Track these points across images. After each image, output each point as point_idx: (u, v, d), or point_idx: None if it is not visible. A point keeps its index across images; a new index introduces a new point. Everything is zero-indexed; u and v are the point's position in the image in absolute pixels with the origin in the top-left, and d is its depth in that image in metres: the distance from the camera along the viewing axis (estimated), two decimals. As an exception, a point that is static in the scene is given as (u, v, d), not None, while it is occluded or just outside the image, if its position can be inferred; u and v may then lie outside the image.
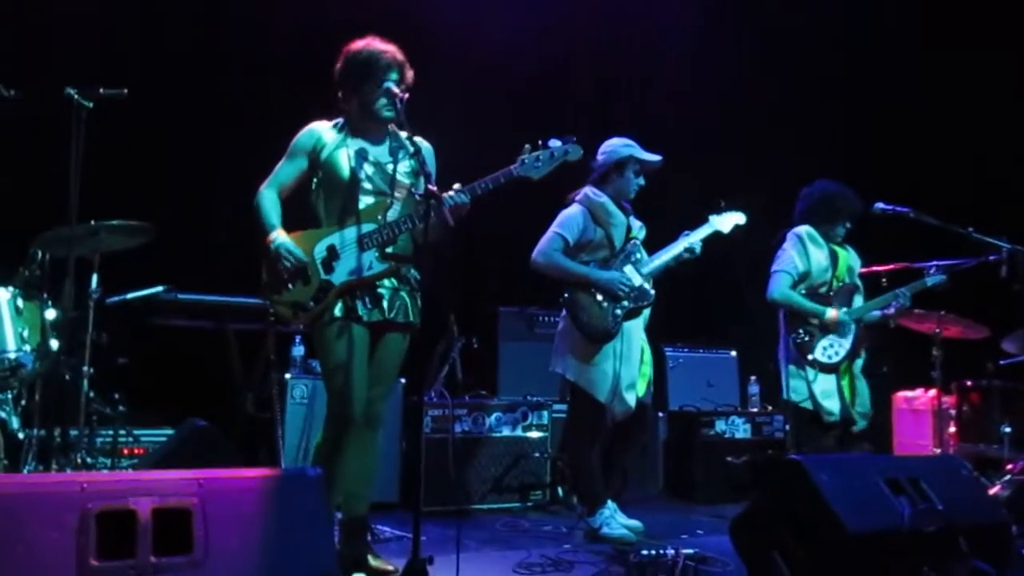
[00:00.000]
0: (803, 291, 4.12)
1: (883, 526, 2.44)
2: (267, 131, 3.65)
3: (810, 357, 4.02)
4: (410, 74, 3.00)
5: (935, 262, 4.21)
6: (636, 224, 3.95)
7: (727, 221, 3.99)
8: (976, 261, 4.18)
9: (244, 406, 4.62)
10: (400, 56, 2.97)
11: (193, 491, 1.70)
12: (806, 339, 4.03)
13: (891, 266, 4.36)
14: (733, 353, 5.85)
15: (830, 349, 4.03)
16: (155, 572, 1.58)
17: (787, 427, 5.30)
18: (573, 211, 3.85)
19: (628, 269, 3.80)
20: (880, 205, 4.11)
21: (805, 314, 4.07)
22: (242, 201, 3.38)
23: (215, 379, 4.65)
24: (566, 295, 3.79)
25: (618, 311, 3.73)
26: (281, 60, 5.11)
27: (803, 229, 4.16)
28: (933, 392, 5.05)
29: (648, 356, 3.91)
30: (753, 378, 5.54)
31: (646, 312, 3.88)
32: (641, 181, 3.90)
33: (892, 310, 4.06)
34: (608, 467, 3.87)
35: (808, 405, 4.00)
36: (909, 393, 5.68)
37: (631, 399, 3.74)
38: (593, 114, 6.11)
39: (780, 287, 4.10)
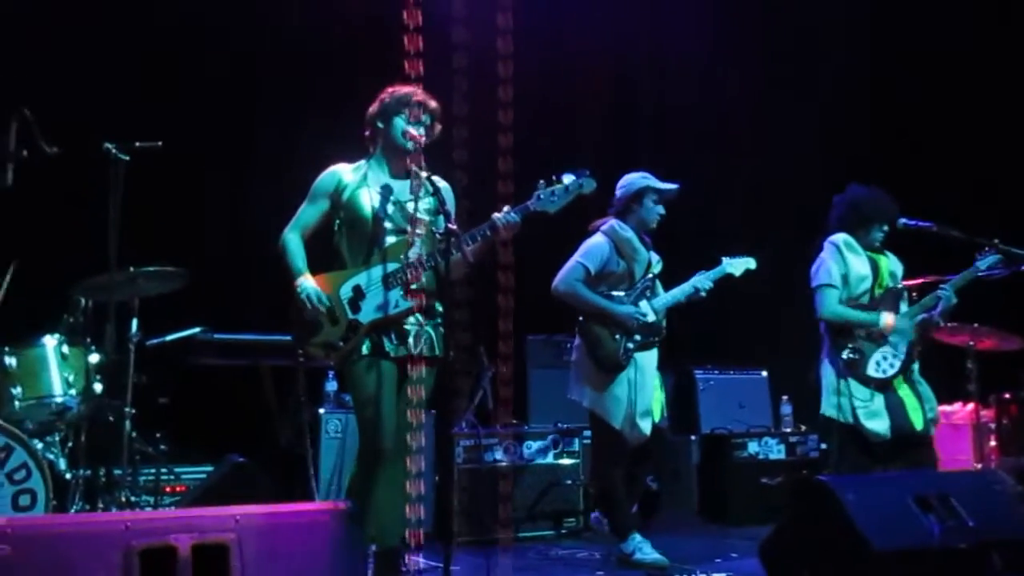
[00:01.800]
0: (844, 301, 3.92)
1: (911, 544, 2.44)
2: (294, 175, 3.79)
3: (863, 375, 3.80)
4: (432, 103, 3.11)
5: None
6: (655, 259, 4.05)
7: (739, 265, 4.11)
8: (1008, 271, 4.08)
9: (279, 441, 4.73)
10: (416, 90, 3.09)
11: (231, 527, 1.78)
12: (855, 357, 3.82)
13: (918, 280, 4.19)
14: (764, 373, 5.85)
15: (884, 363, 3.82)
16: (195, 606, 1.65)
17: (822, 446, 5.31)
18: (598, 241, 3.92)
19: (643, 304, 3.91)
20: (903, 220, 4.00)
21: (858, 326, 3.86)
22: (271, 244, 3.51)
23: (251, 415, 4.77)
24: (581, 325, 3.91)
25: (630, 344, 3.84)
26: (307, 106, 5.28)
27: (840, 237, 3.98)
28: (971, 406, 5.01)
29: (659, 381, 3.98)
30: (785, 398, 5.52)
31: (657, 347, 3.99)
32: (661, 210, 3.98)
33: (938, 311, 3.87)
34: (628, 491, 3.93)
35: (850, 423, 3.79)
36: (947, 408, 5.60)
37: (646, 426, 3.81)
38: (606, 147, 6.18)
39: (829, 304, 3.90)
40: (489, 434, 4.66)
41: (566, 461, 4.81)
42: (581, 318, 3.91)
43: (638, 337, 3.84)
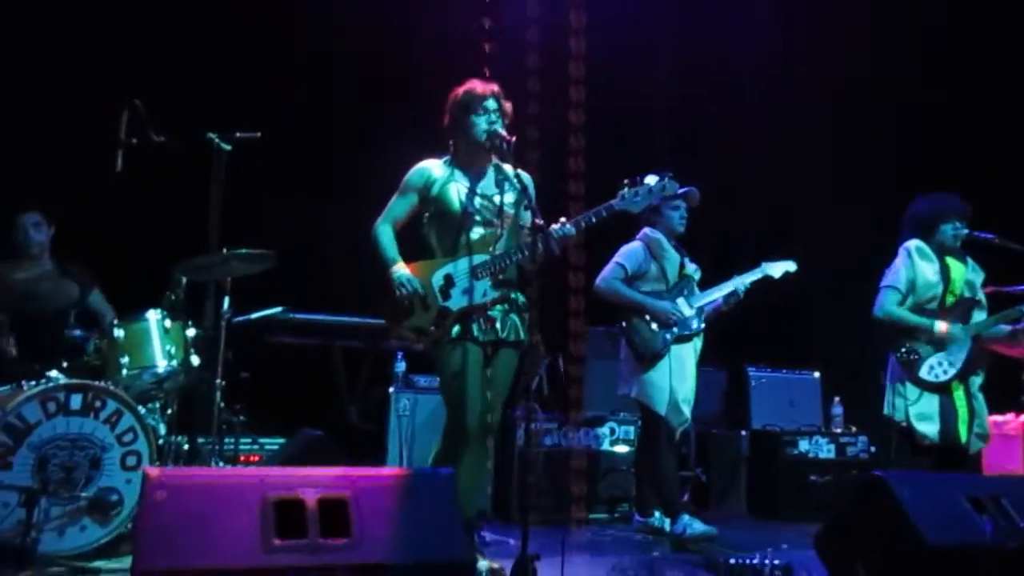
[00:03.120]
0: (911, 306, 3.98)
1: (964, 541, 2.56)
2: (373, 165, 4.03)
3: (916, 376, 3.89)
4: (508, 105, 3.28)
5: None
6: (692, 266, 4.36)
7: (778, 268, 4.33)
8: None
9: (349, 417, 4.99)
10: (496, 88, 3.27)
11: (348, 485, 2.01)
12: (911, 357, 3.89)
13: (987, 290, 4.18)
14: (816, 374, 5.94)
15: (938, 368, 3.88)
16: (323, 551, 1.88)
17: (872, 448, 5.41)
18: (634, 245, 4.32)
19: (680, 301, 4.23)
20: (958, 223, 4.01)
21: (913, 329, 3.93)
22: (348, 229, 3.74)
23: (324, 392, 5.04)
24: (623, 322, 4.24)
25: (668, 336, 4.15)
26: (387, 100, 5.51)
27: (913, 243, 4.04)
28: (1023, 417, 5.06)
29: (694, 383, 4.25)
30: (836, 399, 5.61)
31: (697, 343, 4.27)
32: (683, 214, 4.30)
33: (1022, 325, 3.90)
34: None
35: (903, 424, 3.90)
36: (999, 418, 5.63)
37: (686, 411, 4.14)
38: (674, 148, 6.30)
39: (885, 304, 3.98)
40: (548, 419, 4.86)
41: (620, 448, 4.99)
42: (623, 320, 4.24)
43: (675, 330, 4.16)
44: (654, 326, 4.15)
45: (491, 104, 3.22)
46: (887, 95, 6.27)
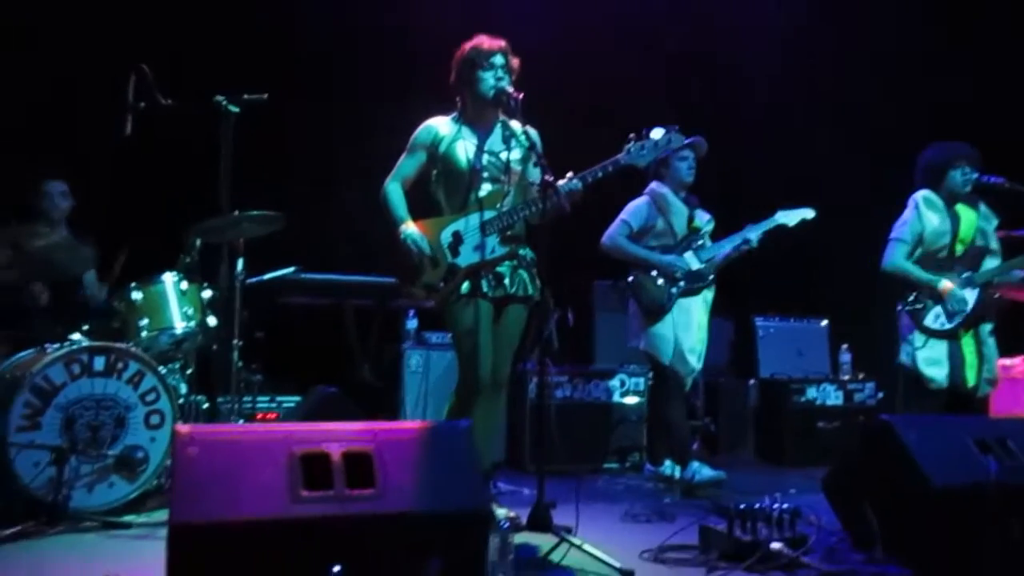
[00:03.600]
0: (920, 257, 4.02)
1: (969, 480, 2.63)
2: (383, 124, 4.03)
3: (923, 324, 3.95)
4: (515, 61, 3.27)
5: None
6: (704, 217, 4.37)
7: (794, 216, 4.29)
8: None
9: (363, 375, 5.07)
10: (503, 43, 3.25)
11: (370, 438, 2.08)
12: (918, 306, 3.97)
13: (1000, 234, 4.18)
14: (824, 322, 5.99)
15: (943, 316, 3.94)
16: (349, 501, 1.96)
17: (879, 395, 5.48)
18: (639, 201, 4.34)
19: (688, 255, 4.26)
20: (967, 168, 3.98)
21: (917, 286, 3.98)
22: (357, 190, 3.75)
23: (336, 351, 5.12)
24: (630, 277, 4.29)
25: (673, 290, 4.21)
26: (396, 58, 5.49)
27: (920, 194, 4.06)
28: (1031, 360, 5.11)
29: (703, 335, 4.30)
30: (844, 346, 5.66)
31: (708, 294, 4.30)
32: (691, 164, 4.30)
33: None
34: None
35: (912, 370, 3.96)
36: (1006, 361, 5.66)
37: (692, 361, 4.21)
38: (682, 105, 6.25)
39: (893, 257, 4.04)
40: (559, 372, 4.94)
41: (631, 400, 5.08)
42: (630, 275, 4.29)
43: (682, 284, 4.22)
44: (660, 281, 4.21)
45: (498, 60, 3.21)
46: (897, 39, 6.18)
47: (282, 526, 1.91)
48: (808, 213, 4.31)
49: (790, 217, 4.29)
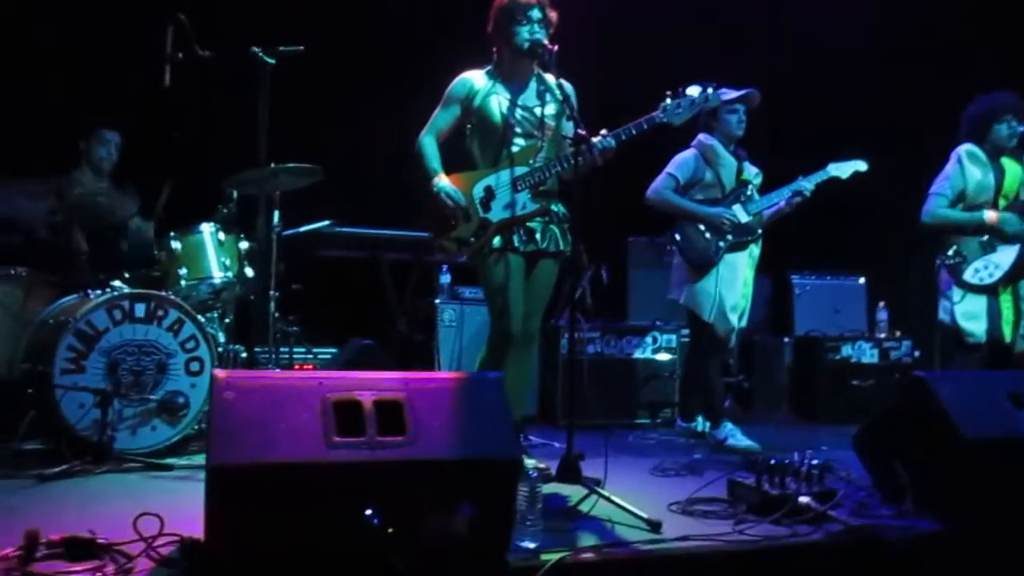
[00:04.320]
0: (961, 210, 3.99)
1: (1000, 434, 2.61)
2: (415, 80, 4.01)
3: (961, 279, 3.93)
4: (553, 15, 3.23)
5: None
6: (752, 170, 4.26)
7: (847, 168, 4.18)
8: None
9: (398, 328, 5.13)
10: None
11: (402, 387, 2.12)
12: (957, 260, 3.94)
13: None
14: (861, 280, 5.92)
15: (983, 271, 3.91)
16: (381, 447, 2.01)
17: (916, 353, 5.42)
18: (686, 154, 4.24)
19: (736, 208, 4.16)
20: (1013, 120, 3.94)
21: (961, 227, 3.94)
22: (394, 143, 3.75)
23: (373, 304, 5.18)
24: (676, 231, 4.20)
25: (721, 243, 4.11)
26: (434, 10, 5.44)
27: (964, 148, 4.02)
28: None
29: (748, 291, 4.21)
30: (881, 304, 5.60)
31: (755, 249, 4.20)
32: (741, 118, 4.18)
33: None
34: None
35: (951, 325, 3.95)
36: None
37: (733, 320, 4.13)
38: (720, 60, 6.12)
39: (931, 208, 4.02)
40: (592, 328, 4.95)
41: (663, 356, 5.08)
42: (677, 226, 4.19)
43: (730, 237, 4.12)
44: (708, 234, 4.13)
45: (535, 14, 3.18)
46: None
47: (316, 469, 1.96)
48: (861, 165, 4.21)
49: (842, 169, 4.19)
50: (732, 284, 4.13)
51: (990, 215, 3.92)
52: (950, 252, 3.97)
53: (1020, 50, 5.55)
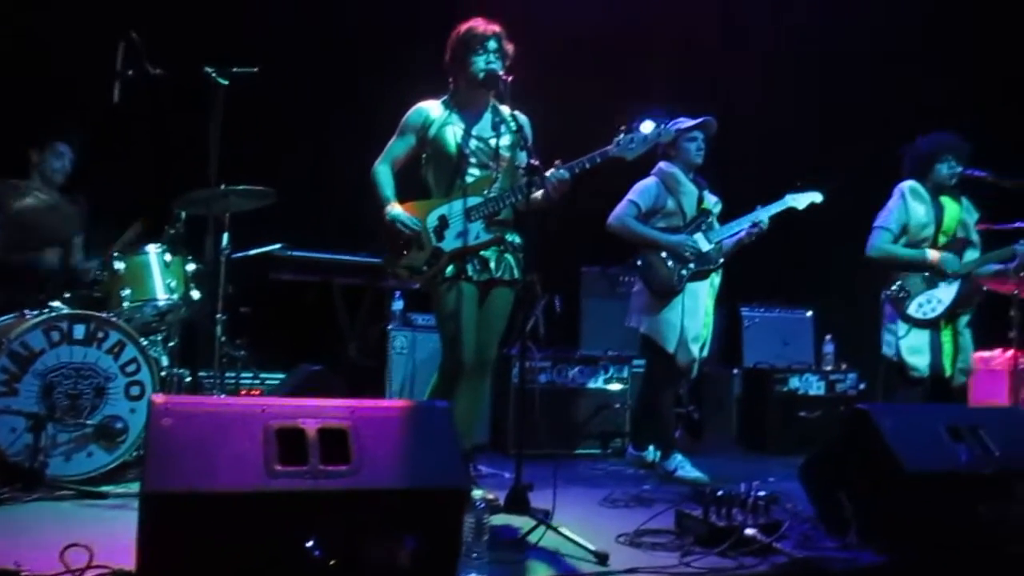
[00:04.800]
0: (903, 246, 4.07)
1: (940, 467, 2.66)
2: (373, 107, 4.01)
3: (905, 312, 4.00)
4: (510, 47, 3.25)
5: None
6: (712, 199, 4.29)
7: (803, 199, 4.22)
8: None
9: (348, 354, 5.07)
10: (497, 28, 3.23)
11: (348, 415, 2.08)
12: (901, 295, 4.01)
13: (980, 227, 4.26)
14: (808, 313, 6.01)
15: (927, 305, 3.99)
16: (324, 476, 1.96)
17: (861, 385, 5.52)
18: (648, 182, 4.25)
19: (698, 236, 4.17)
20: (953, 161, 4.06)
21: (905, 263, 4.03)
22: (348, 168, 3.73)
23: (323, 329, 5.11)
24: (639, 261, 4.19)
25: (684, 271, 4.11)
26: (388, 40, 5.45)
27: (906, 184, 4.12)
28: (1010, 352, 5.13)
29: (710, 320, 4.22)
30: (828, 337, 5.69)
31: (715, 278, 4.22)
32: (700, 145, 4.22)
33: (1014, 264, 4.00)
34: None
35: (893, 359, 4.02)
36: (986, 353, 5.71)
37: (695, 350, 4.12)
38: (672, 81, 6.24)
39: (876, 243, 4.10)
40: (543, 357, 4.94)
41: (614, 386, 5.09)
42: (639, 255, 4.19)
43: (692, 265, 4.12)
44: (670, 262, 4.11)
45: (492, 44, 3.20)
46: (889, 35, 6.18)
47: (256, 499, 1.91)
48: (817, 197, 4.24)
49: (799, 200, 4.22)
50: (695, 314, 4.13)
51: (933, 254, 4.03)
52: (894, 287, 4.05)
53: (965, 86, 5.78)
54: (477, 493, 3.14)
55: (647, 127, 3.15)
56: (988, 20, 5.85)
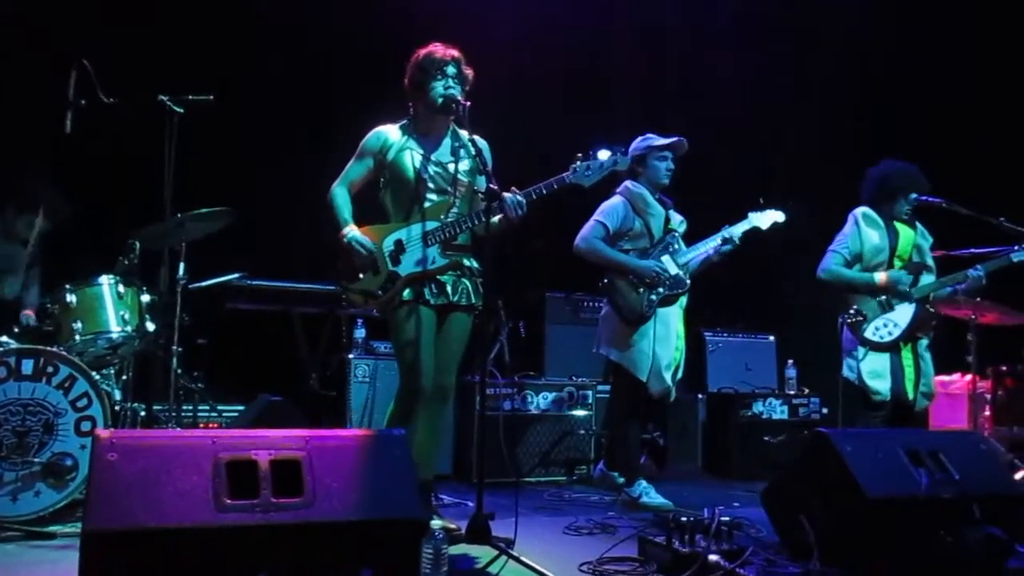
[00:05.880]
0: (858, 271, 4.11)
1: (901, 492, 2.67)
2: (332, 133, 3.99)
3: (863, 336, 4.02)
4: (469, 71, 3.26)
5: (972, 250, 4.26)
6: (677, 218, 4.24)
7: (766, 218, 4.21)
8: (1014, 249, 4.15)
9: (309, 384, 4.99)
10: (456, 53, 3.23)
11: (302, 446, 2.03)
12: (858, 319, 4.02)
13: (935, 253, 4.33)
14: (771, 338, 6.07)
15: (883, 329, 4.01)
16: (275, 510, 1.91)
17: (824, 410, 5.56)
18: (614, 201, 4.15)
19: (665, 259, 4.09)
20: (914, 196, 4.13)
21: (854, 286, 4.05)
22: (307, 196, 3.70)
23: (283, 358, 5.03)
24: (606, 281, 4.12)
25: (653, 297, 4.03)
26: (349, 66, 5.45)
27: (860, 210, 4.17)
28: (969, 377, 5.22)
29: (682, 344, 4.17)
30: (790, 362, 5.74)
31: (683, 300, 4.16)
32: (670, 165, 4.17)
33: (963, 287, 4.05)
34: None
35: (855, 383, 4.01)
36: (945, 378, 5.79)
37: (668, 378, 4.07)
38: (633, 108, 6.32)
39: (827, 265, 4.14)
40: (507, 384, 4.91)
41: (579, 412, 5.07)
42: (607, 279, 4.11)
43: (661, 290, 4.04)
44: (640, 288, 4.02)
45: (450, 69, 3.20)
46: (856, 59, 6.32)
47: (204, 535, 1.85)
48: (779, 216, 4.23)
49: (761, 219, 4.20)
50: (667, 340, 4.06)
51: (881, 277, 4.07)
52: (851, 311, 4.08)
53: (929, 113, 5.92)
54: (437, 523, 3.10)
55: (603, 155, 3.15)
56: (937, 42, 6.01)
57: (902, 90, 6.03)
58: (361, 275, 3.19)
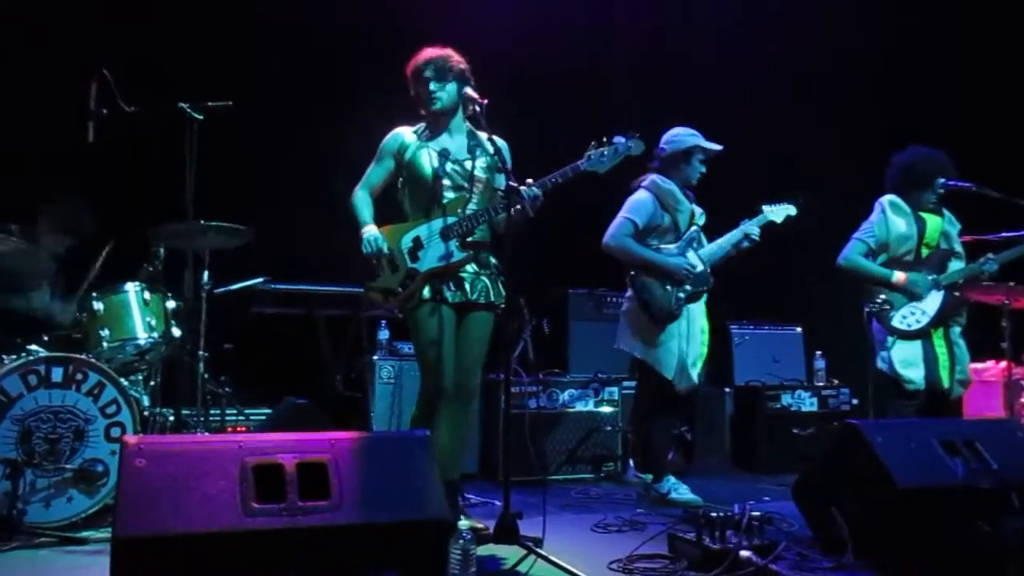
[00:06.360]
0: (885, 260, 4.06)
1: (935, 482, 2.62)
2: (353, 132, 3.99)
3: (890, 324, 3.95)
4: (455, 64, 3.21)
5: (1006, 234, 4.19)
6: (698, 211, 4.20)
7: (779, 212, 4.17)
8: None
9: (334, 386, 5.01)
10: (431, 54, 3.23)
11: (327, 448, 2.03)
12: (885, 307, 3.94)
13: (964, 239, 4.25)
14: (799, 329, 5.98)
15: (910, 317, 3.94)
16: (302, 513, 1.91)
17: (854, 401, 5.48)
18: (643, 197, 4.07)
19: (691, 255, 4.05)
20: (942, 181, 4.05)
21: (870, 279, 4.00)
22: (330, 199, 3.72)
23: (308, 361, 5.05)
24: (633, 277, 4.06)
25: (681, 294, 3.99)
26: (365, 67, 5.45)
27: (887, 198, 4.10)
28: (1003, 364, 5.11)
29: (706, 338, 4.13)
30: (819, 353, 5.65)
31: (705, 296, 4.12)
32: (703, 169, 4.14)
33: (983, 264, 3.99)
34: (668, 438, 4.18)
35: (888, 373, 3.94)
36: (979, 365, 5.68)
37: (695, 375, 4.03)
38: (637, 102, 6.27)
39: (848, 253, 4.07)
40: (532, 381, 4.89)
41: (605, 409, 5.04)
42: (632, 271, 4.06)
43: (688, 287, 4.00)
44: (667, 285, 3.98)
45: (427, 73, 3.21)
46: (877, 50, 6.22)
47: (232, 539, 1.85)
48: (791, 209, 4.19)
49: (776, 213, 4.16)
50: (692, 337, 4.02)
51: (899, 276, 3.98)
52: (878, 300, 4.00)
53: (945, 96, 5.81)
54: (464, 523, 3.09)
55: (618, 141, 3.13)
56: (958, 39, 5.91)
57: (910, 79, 5.94)
58: (380, 273, 3.19)
